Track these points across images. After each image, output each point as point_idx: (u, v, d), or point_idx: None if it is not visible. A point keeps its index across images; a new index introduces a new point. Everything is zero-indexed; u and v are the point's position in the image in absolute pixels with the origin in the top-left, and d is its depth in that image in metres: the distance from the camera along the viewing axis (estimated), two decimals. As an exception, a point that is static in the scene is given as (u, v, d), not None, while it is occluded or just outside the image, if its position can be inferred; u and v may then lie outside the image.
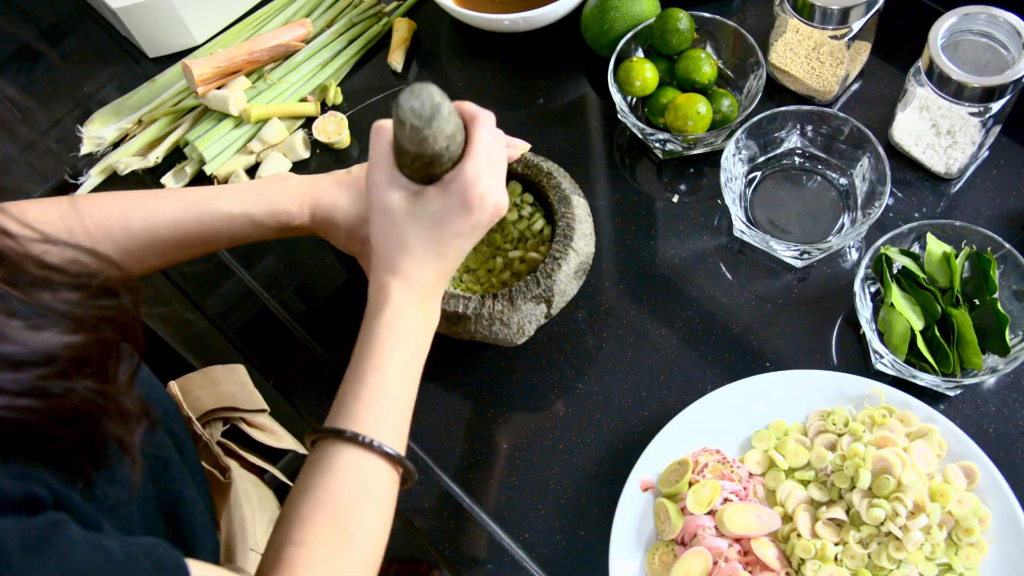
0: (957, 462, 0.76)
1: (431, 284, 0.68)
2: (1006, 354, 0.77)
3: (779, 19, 0.91)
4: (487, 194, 0.66)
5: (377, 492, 0.63)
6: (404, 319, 0.67)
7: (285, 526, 0.61)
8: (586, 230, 0.83)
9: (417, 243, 0.66)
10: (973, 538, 0.73)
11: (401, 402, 0.67)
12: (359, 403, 0.64)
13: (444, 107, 0.62)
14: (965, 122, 0.83)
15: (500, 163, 0.69)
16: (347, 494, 0.62)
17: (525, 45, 1.06)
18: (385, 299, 0.67)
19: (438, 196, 0.66)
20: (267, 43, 1.03)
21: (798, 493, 0.76)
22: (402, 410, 0.67)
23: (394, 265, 0.67)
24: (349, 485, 0.62)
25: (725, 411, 0.80)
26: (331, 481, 0.62)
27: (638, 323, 0.88)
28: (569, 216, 0.82)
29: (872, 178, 0.86)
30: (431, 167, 0.66)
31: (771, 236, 0.85)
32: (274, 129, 1.00)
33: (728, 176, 0.87)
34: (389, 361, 0.65)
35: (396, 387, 0.66)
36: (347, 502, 0.61)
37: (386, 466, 0.64)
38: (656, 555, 0.76)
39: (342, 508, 0.61)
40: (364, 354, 0.66)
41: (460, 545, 0.80)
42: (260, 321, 0.93)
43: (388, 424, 0.65)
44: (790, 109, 0.88)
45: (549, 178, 0.85)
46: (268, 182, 0.81)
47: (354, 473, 0.62)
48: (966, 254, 0.81)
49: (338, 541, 0.60)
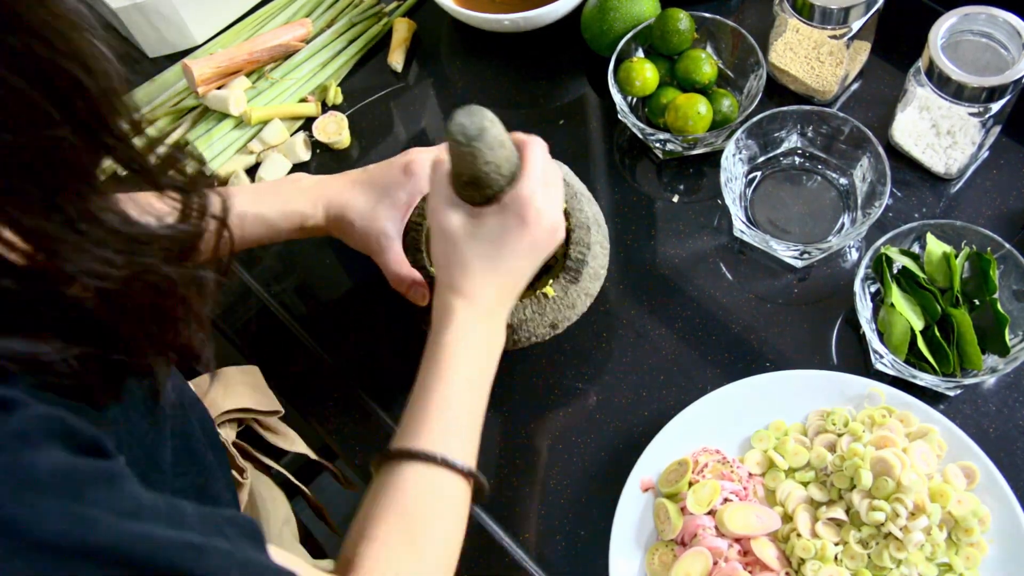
0: (957, 462, 0.76)
1: (494, 303, 0.68)
2: (1006, 354, 0.77)
3: (779, 19, 0.91)
4: (544, 211, 0.66)
5: (449, 506, 0.63)
6: (468, 337, 0.67)
7: (356, 546, 0.60)
8: (599, 265, 0.80)
9: (477, 262, 0.67)
10: (973, 538, 0.73)
11: (469, 418, 0.66)
12: (427, 421, 0.64)
13: (492, 130, 0.64)
14: (965, 122, 0.83)
15: (556, 185, 0.70)
16: (419, 509, 0.61)
17: (525, 45, 1.06)
18: (449, 318, 0.67)
19: (495, 215, 0.67)
20: (267, 43, 1.03)
21: (798, 493, 0.76)
22: (471, 426, 0.67)
23: (457, 285, 0.67)
24: (422, 501, 0.62)
25: (725, 411, 0.80)
26: (403, 498, 0.61)
27: (638, 323, 0.88)
28: (583, 251, 0.79)
29: (872, 178, 0.86)
30: (485, 188, 0.67)
31: (771, 236, 0.85)
32: (274, 129, 1.00)
33: (728, 176, 0.87)
34: (455, 378, 0.66)
35: (463, 404, 0.66)
36: (420, 517, 0.61)
37: (457, 480, 0.63)
38: (656, 555, 0.76)
39: (415, 523, 0.61)
40: (430, 372, 0.66)
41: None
42: (260, 321, 0.93)
43: (457, 441, 0.64)
44: (790, 109, 0.88)
45: (573, 200, 0.81)
46: (282, 183, 0.81)
47: (425, 489, 0.62)
48: (966, 254, 0.81)
49: (411, 556, 0.60)
